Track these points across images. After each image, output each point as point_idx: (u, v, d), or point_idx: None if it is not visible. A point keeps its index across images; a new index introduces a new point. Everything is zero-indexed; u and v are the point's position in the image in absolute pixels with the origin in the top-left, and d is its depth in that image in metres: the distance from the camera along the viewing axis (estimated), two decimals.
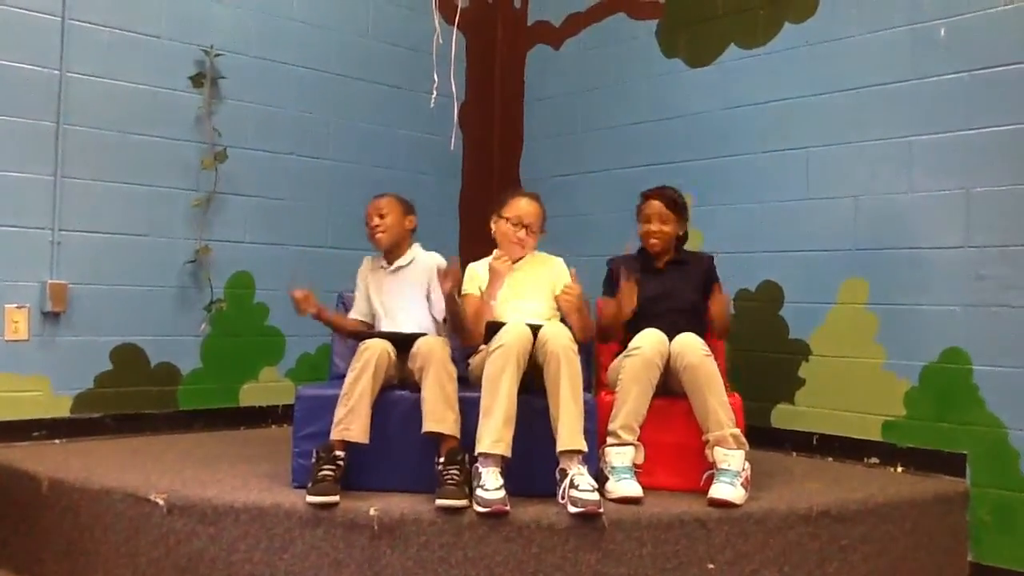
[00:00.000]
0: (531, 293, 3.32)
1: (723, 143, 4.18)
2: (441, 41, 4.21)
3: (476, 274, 3.35)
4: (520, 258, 3.36)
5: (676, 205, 3.41)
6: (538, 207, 3.36)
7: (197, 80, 4.10)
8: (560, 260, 3.42)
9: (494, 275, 3.20)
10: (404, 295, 3.36)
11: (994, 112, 3.36)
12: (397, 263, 3.41)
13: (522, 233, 3.30)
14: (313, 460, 2.81)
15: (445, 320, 3.28)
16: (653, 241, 3.39)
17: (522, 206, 3.33)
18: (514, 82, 5.18)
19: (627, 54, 4.60)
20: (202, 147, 4.11)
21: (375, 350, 2.94)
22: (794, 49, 3.95)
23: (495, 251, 3.31)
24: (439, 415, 2.84)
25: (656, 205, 3.40)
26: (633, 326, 3.20)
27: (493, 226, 3.39)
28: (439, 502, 2.69)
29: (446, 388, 2.88)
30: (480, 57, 5.16)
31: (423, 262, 3.39)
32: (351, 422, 2.84)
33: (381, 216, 3.38)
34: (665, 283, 3.38)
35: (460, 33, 4.77)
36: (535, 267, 3.39)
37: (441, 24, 4.34)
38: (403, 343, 3.06)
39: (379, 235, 3.37)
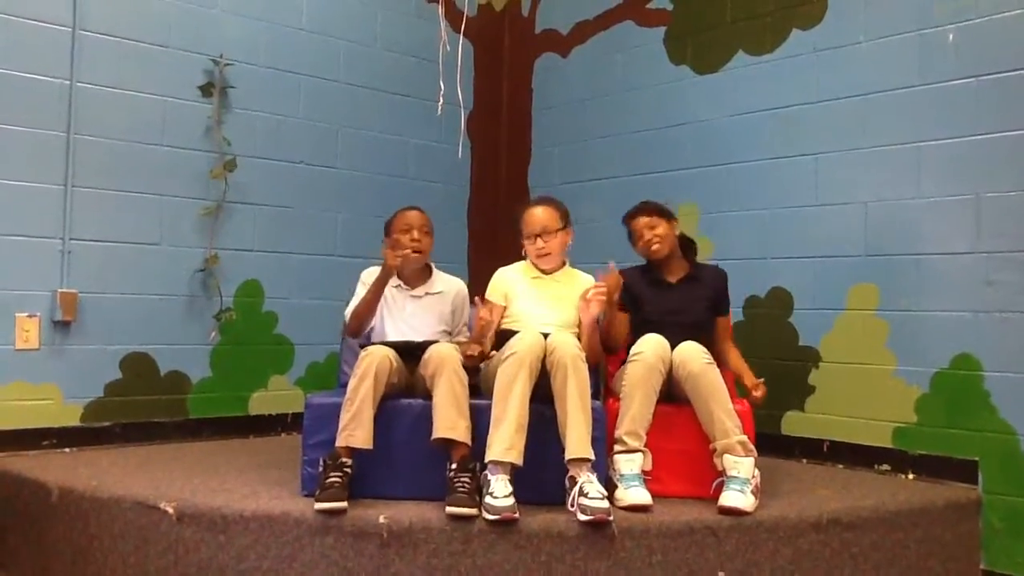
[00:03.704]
0: (553, 306, 3.27)
1: (731, 150, 4.17)
2: (448, 49, 4.21)
3: (502, 280, 3.34)
4: (554, 268, 3.34)
5: (657, 208, 3.40)
6: (549, 210, 3.31)
7: (206, 90, 4.12)
8: (591, 279, 3.34)
9: (479, 327, 3.21)
10: (428, 321, 3.29)
11: (1004, 117, 3.35)
12: (424, 288, 3.35)
13: (540, 243, 3.28)
14: (320, 469, 2.81)
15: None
16: (655, 247, 3.36)
17: (533, 217, 3.30)
18: (522, 90, 5.18)
19: (635, 62, 4.60)
20: (211, 156, 4.13)
21: (375, 356, 2.93)
22: (802, 55, 3.94)
23: (484, 307, 3.25)
24: (451, 422, 2.82)
25: (640, 220, 3.39)
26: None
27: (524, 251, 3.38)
28: (449, 510, 2.69)
29: (458, 395, 2.86)
30: (488, 65, 5.17)
31: (451, 290, 3.38)
32: (354, 428, 2.83)
33: (425, 233, 3.30)
34: (676, 300, 3.35)
35: (467, 41, 4.78)
36: (563, 283, 3.33)
37: (448, 32, 4.34)
38: (413, 352, 3.05)
39: (415, 255, 3.26)
